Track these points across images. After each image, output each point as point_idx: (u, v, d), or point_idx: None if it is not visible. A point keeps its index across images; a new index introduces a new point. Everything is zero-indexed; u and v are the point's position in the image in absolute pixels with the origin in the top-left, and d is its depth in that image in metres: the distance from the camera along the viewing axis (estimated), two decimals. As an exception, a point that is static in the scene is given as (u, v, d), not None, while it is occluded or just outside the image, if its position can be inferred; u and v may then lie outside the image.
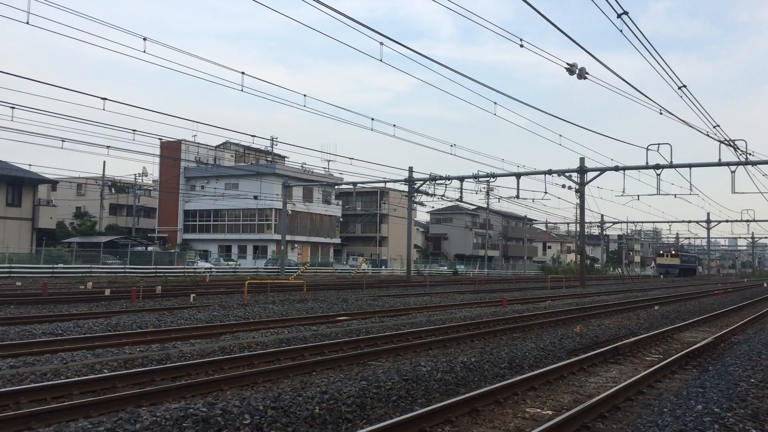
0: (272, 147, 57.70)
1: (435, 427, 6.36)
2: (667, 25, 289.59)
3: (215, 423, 5.87)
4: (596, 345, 12.45)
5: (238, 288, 26.62)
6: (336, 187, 62.01)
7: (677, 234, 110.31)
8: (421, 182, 42.16)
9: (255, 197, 54.31)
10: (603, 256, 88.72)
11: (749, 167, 31.63)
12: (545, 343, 12.16)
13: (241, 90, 26.96)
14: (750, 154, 30.20)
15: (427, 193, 42.93)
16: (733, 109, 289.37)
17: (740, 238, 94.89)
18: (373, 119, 33.31)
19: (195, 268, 45.38)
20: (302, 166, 53.36)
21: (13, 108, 22.05)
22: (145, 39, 18.18)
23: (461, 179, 38.12)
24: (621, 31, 13.40)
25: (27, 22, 16.45)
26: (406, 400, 7.41)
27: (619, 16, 13.23)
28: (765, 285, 52.07)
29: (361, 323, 14.81)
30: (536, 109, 38.82)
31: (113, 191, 64.64)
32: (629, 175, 40.06)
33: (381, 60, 17.86)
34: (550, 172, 36.23)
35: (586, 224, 43.04)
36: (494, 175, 37.53)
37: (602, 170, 36.86)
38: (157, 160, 54.98)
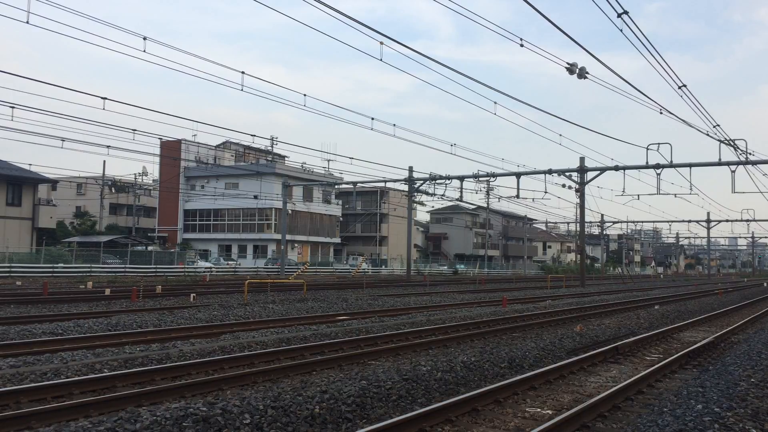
0: (272, 146, 57.70)
1: (435, 426, 6.35)
2: (661, 26, 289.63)
3: (215, 422, 5.86)
4: (596, 344, 12.45)
5: (238, 287, 26.61)
6: (336, 186, 61.98)
7: (677, 233, 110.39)
8: (421, 182, 42.15)
9: (255, 197, 54.27)
10: (603, 255, 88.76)
11: (749, 167, 31.65)
12: (545, 342, 12.16)
13: (241, 90, 26.98)
14: (750, 154, 30.21)
15: (427, 193, 42.97)
16: (731, 109, 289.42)
17: (740, 237, 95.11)
18: (373, 119, 33.27)
19: (195, 268, 45.38)
20: (302, 166, 53.36)
21: (13, 107, 22.06)
22: (145, 39, 18.18)
23: (461, 179, 38.13)
24: (621, 30, 13.39)
25: (27, 22, 16.45)
26: (406, 399, 7.41)
27: (619, 15, 13.22)
28: (765, 285, 52.07)
29: (361, 323, 14.81)
30: (536, 108, 38.89)
31: (113, 191, 64.59)
32: (629, 175, 40.20)
33: (381, 60, 17.84)
34: (550, 171, 36.24)
35: (586, 224, 43.04)
36: (494, 175, 37.55)
37: (602, 170, 36.87)
38: (157, 159, 54.97)
